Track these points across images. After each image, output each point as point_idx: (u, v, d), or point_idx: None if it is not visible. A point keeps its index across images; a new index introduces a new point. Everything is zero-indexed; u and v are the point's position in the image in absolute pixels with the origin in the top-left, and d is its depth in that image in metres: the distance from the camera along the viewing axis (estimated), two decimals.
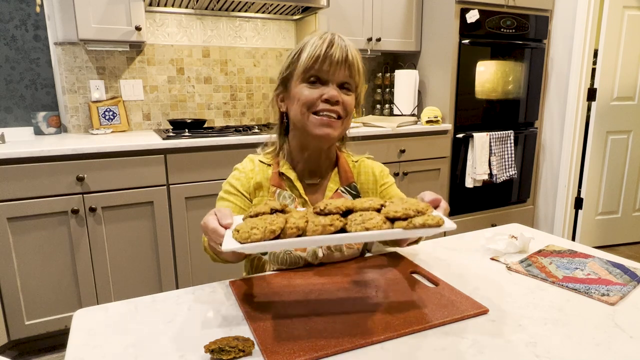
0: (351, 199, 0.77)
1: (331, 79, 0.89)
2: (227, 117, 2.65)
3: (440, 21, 2.61)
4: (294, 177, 0.97)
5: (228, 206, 0.95)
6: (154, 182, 1.90)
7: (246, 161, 1.01)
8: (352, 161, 1.05)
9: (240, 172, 0.98)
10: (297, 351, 0.60)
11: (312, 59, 0.88)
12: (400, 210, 0.64)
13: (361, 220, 0.63)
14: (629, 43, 2.76)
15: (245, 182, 0.96)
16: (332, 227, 0.63)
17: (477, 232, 1.12)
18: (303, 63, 0.89)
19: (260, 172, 0.97)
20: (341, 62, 0.88)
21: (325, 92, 0.89)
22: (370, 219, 0.63)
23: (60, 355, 1.87)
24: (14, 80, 2.17)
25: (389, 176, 1.06)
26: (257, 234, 0.60)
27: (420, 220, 0.62)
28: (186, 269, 2.02)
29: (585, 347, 0.62)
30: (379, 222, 0.63)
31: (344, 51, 0.88)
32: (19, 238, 1.72)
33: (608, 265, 0.89)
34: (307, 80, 0.90)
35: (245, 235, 0.61)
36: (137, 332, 0.67)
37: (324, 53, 0.87)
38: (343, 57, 0.88)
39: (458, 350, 0.61)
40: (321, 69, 0.88)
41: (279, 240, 0.61)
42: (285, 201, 0.94)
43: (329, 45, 0.87)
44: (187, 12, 2.42)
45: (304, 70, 0.89)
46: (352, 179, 1.01)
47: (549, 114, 2.98)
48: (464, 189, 2.72)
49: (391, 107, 2.88)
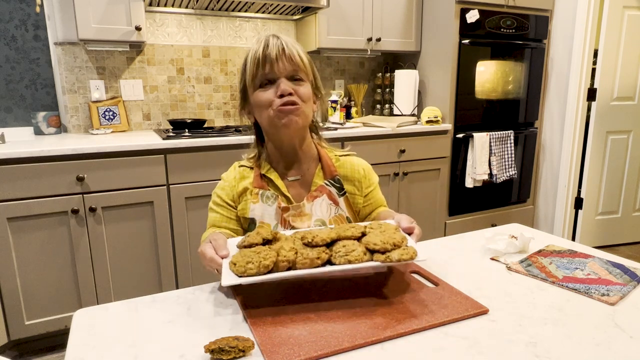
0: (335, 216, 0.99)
1: (277, 75, 0.93)
2: (227, 117, 2.65)
3: (440, 21, 2.61)
4: (274, 177, 1.01)
5: (216, 218, 1.03)
6: (154, 182, 1.90)
7: (230, 170, 1.08)
8: (335, 155, 1.08)
9: (224, 182, 1.05)
10: (297, 351, 0.60)
11: (254, 64, 0.93)
12: (379, 244, 0.73)
13: (344, 252, 0.72)
14: (629, 43, 2.76)
15: (229, 192, 1.03)
16: (319, 260, 0.72)
17: (477, 232, 1.12)
18: (249, 71, 0.94)
19: (241, 178, 1.04)
20: (280, 57, 0.92)
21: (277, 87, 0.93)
22: (353, 251, 0.72)
23: (60, 355, 1.87)
24: (14, 80, 2.17)
25: (373, 176, 1.10)
26: (252, 269, 0.69)
27: (396, 255, 0.71)
28: (186, 269, 2.03)
29: (585, 347, 0.62)
30: (360, 255, 0.72)
31: (279, 47, 0.92)
32: (19, 238, 1.72)
33: (608, 265, 0.89)
34: (258, 86, 0.95)
35: (242, 269, 0.69)
36: (137, 332, 0.67)
37: (262, 55, 0.92)
38: (280, 52, 0.92)
39: (458, 350, 0.61)
40: (264, 70, 0.93)
41: (271, 275, 0.70)
42: (268, 201, 1.00)
43: (264, 48, 0.92)
44: (187, 12, 2.42)
45: (252, 77, 0.94)
46: (335, 172, 1.04)
47: (549, 114, 2.99)
48: (464, 189, 2.72)
49: (391, 107, 2.88)
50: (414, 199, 2.59)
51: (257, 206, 0.99)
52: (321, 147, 1.08)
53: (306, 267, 0.71)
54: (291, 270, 0.71)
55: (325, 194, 1.02)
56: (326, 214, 1.02)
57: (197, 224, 2.01)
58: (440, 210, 2.71)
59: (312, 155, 1.05)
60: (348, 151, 1.10)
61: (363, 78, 3.01)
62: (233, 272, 0.70)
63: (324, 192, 1.02)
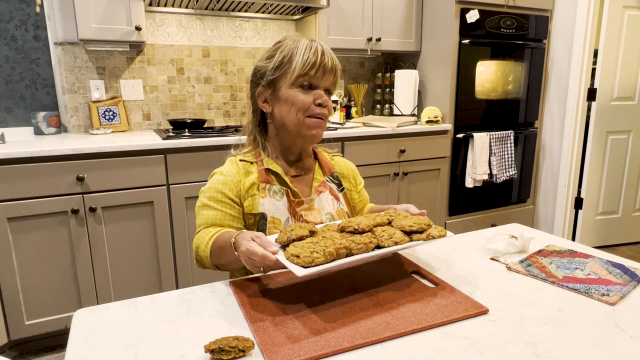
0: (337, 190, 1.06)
1: (321, 85, 0.97)
2: (227, 117, 2.65)
3: (440, 21, 2.61)
4: (280, 172, 1.01)
5: (216, 215, 0.95)
6: (154, 182, 1.90)
7: (228, 164, 1.02)
8: (329, 154, 1.15)
9: (225, 177, 0.97)
10: (297, 351, 0.60)
11: (307, 66, 0.94)
12: (414, 225, 0.79)
13: (388, 236, 0.77)
14: (629, 43, 2.76)
15: (234, 187, 0.97)
16: (371, 244, 0.75)
17: (477, 232, 1.12)
18: (298, 69, 0.94)
19: (246, 173, 0.99)
20: (331, 71, 0.96)
21: (317, 96, 0.96)
22: (394, 234, 0.77)
23: (60, 355, 1.87)
24: (14, 80, 2.17)
25: (359, 173, 1.19)
26: (319, 258, 0.68)
27: (436, 232, 0.78)
28: (186, 269, 2.02)
29: (585, 347, 0.62)
30: (403, 236, 0.77)
31: (334, 61, 0.97)
32: (19, 238, 1.72)
33: (608, 265, 0.89)
34: (300, 85, 0.96)
35: (309, 259, 0.68)
36: (137, 332, 0.67)
37: (319, 61, 0.94)
38: (333, 66, 0.97)
39: (458, 350, 0.61)
40: (315, 75, 0.95)
41: (337, 262, 0.69)
42: (275, 195, 0.99)
43: (322, 54, 0.95)
44: (187, 12, 2.42)
45: (298, 75, 0.95)
46: (333, 170, 1.10)
47: (549, 114, 2.99)
48: (464, 189, 2.72)
49: (391, 107, 2.88)
50: (414, 199, 2.59)
51: (265, 201, 0.97)
52: (314, 146, 1.12)
53: (362, 252, 0.73)
54: (350, 256, 0.72)
55: (327, 190, 1.05)
56: (332, 208, 1.04)
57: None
58: (440, 210, 2.71)
59: (310, 152, 1.09)
60: (335, 152, 1.18)
61: (363, 78, 3.01)
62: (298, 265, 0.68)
63: (326, 187, 1.06)
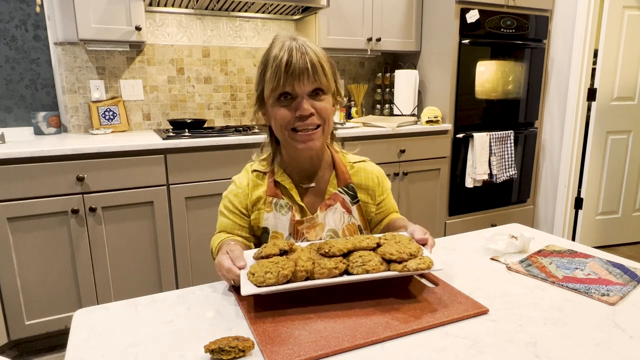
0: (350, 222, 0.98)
1: (299, 91, 0.88)
2: (227, 117, 2.65)
3: (440, 21, 2.61)
4: (289, 185, 0.98)
5: (227, 224, 0.99)
6: (154, 182, 1.89)
7: (243, 174, 1.03)
8: (349, 162, 1.05)
9: (237, 188, 1.00)
10: (297, 351, 0.60)
11: (274, 78, 0.86)
12: (395, 254, 0.73)
13: (361, 262, 0.73)
14: (629, 43, 2.76)
15: (242, 199, 0.99)
16: (336, 269, 0.72)
17: (477, 232, 1.12)
18: (268, 83, 0.88)
19: (254, 186, 1.00)
20: (304, 72, 0.86)
21: (297, 107, 0.88)
22: (370, 261, 0.73)
23: (60, 355, 1.87)
24: (14, 80, 2.17)
25: (387, 182, 1.09)
26: (271, 279, 0.68)
27: (414, 264, 0.72)
28: (186, 269, 2.02)
29: (585, 347, 0.62)
30: (377, 264, 0.73)
31: (306, 56, 0.86)
32: (19, 238, 1.72)
33: (608, 265, 0.89)
34: (277, 99, 0.90)
35: (261, 279, 0.68)
36: (137, 332, 0.67)
37: (285, 69, 0.85)
38: (305, 66, 0.86)
39: (458, 350, 0.61)
40: (286, 85, 0.87)
41: (290, 284, 0.69)
42: (281, 210, 0.97)
43: (287, 61, 0.85)
44: (187, 12, 2.42)
45: (271, 90, 0.89)
46: (349, 180, 1.02)
47: (549, 114, 2.98)
48: (464, 189, 2.72)
49: (391, 107, 2.88)
50: (414, 199, 2.59)
51: (270, 215, 0.97)
52: (335, 151, 1.05)
53: (324, 276, 0.71)
54: (309, 280, 0.71)
55: (338, 202, 1.00)
56: (339, 223, 1.00)
57: (197, 224, 2.01)
58: (440, 210, 2.71)
59: (327, 161, 1.02)
60: (362, 157, 1.09)
61: (363, 78, 3.01)
62: (251, 282, 0.69)
63: (337, 200, 1.00)
